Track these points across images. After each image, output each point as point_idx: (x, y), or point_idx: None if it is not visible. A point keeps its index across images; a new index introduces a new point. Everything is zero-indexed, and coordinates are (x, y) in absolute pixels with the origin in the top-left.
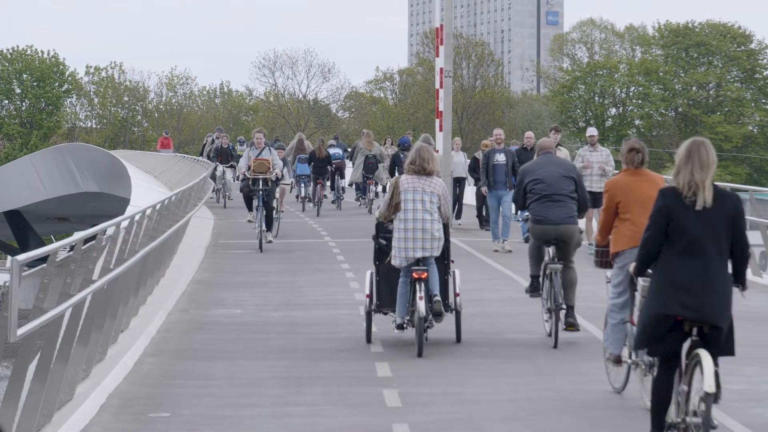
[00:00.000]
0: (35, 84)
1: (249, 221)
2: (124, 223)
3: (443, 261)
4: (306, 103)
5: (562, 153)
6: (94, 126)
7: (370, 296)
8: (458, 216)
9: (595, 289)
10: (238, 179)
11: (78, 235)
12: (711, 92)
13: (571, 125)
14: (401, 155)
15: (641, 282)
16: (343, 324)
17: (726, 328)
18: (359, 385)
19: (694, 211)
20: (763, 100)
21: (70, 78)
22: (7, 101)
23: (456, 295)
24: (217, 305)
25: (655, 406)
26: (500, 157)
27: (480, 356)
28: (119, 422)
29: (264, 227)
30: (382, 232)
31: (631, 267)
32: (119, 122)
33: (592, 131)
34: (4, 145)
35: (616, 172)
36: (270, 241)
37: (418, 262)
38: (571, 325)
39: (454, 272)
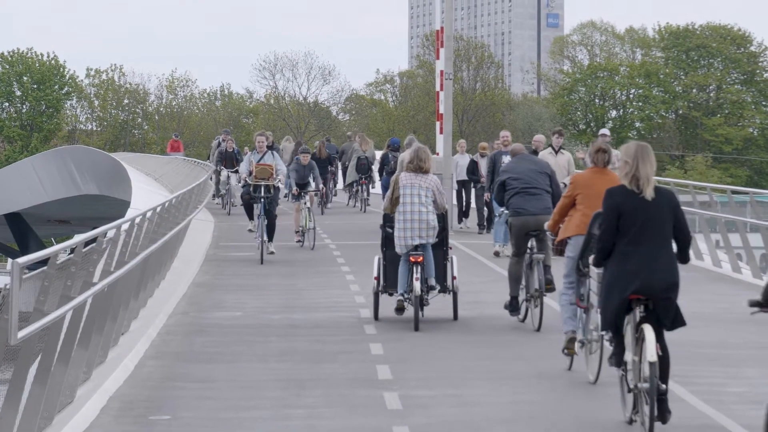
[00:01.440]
0: (35, 86)
1: (250, 230)
2: (125, 226)
3: (442, 248)
4: (306, 105)
5: (564, 157)
6: (94, 128)
7: (377, 278)
8: (465, 216)
9: None
10: (239, 183)
11: (78, 238)
12: (711, 94)
13: (571, 128)
14: (390, 156)
15: (594, 270)
16: (343, 326)
17: (675, 299)
18: (360, 387)
19: (640, 204)
20: (764, 103)
21: (70, 80)
22: (7, 104)
23: (453, 278)
24: (217, 308)
25: (614, 358)
26: (507, 160)
27: (480, 358)
28: (120, 425)
29: (265, 238)
30: (389, 222)
31: (591, 258)
32: (119, 125)
33: (604, 131)
34: (4, 147)
35: None
36: (272, 252)
37: (417, 248)
38: (549, 282)
39: (452, 258)
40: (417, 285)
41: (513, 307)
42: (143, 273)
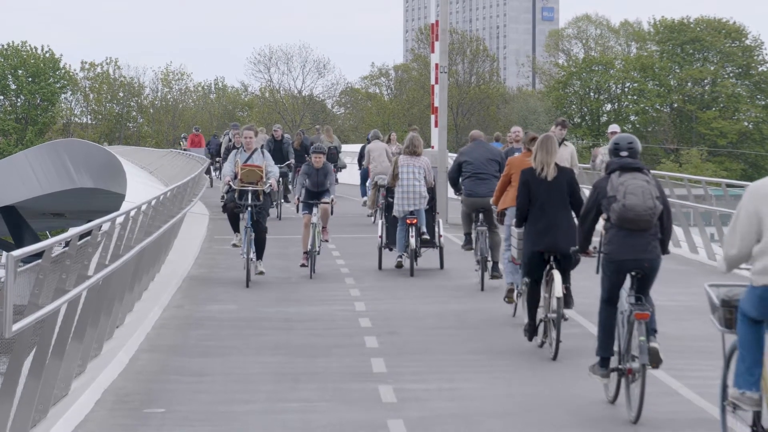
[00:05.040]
0: (30, 80)
1: (234, 245)
2: (120, 219)
3: (431, 213)
4: (301, 98)
5: (568, 149)
6: (89, 122)
7: (381, 237)
8: None
9: (592, 286)
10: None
11: (73, 231)
12: (706, 88)
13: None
14: (366, 148)
15: (515, 230)
16: (338, 320)
17: (573, 256)
18: (354, 380)
19: (544, 181)
20: (759, 96)
21: (65, 74)
22: (2, 97)
23: (439, 236)
24: (212, 301)
25: (529, 306)
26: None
27: (475, 352)
28: (114, 418)
29: (252, 255)
30: (391, 194)
31: (513, 221)
32: (114, 118)
33: (614, 128)
34: None
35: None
36: (261, 273)
37: (412, 213)
38: (496, 276)
39: (438, 221)
40: (412, 241)
41: (467, 241)
42: (138, 266)
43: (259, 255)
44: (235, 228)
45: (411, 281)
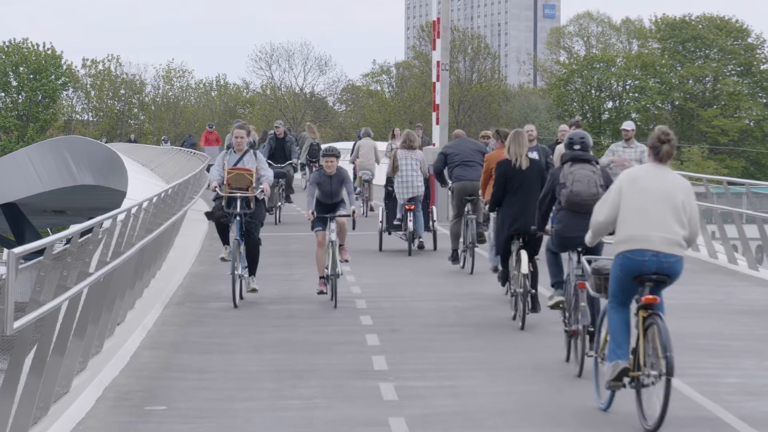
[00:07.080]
0: (32, 77)
1: (223, 259)
2: (121, 216)
3: (426, 201)
4: (303, 96)
5: None
6: (90, 119)
7: (382, 222)
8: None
9: None
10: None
11: (74, 228)
12: (707, 86)
13: (567, 118)
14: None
15: (492, 215)
16: (339, 317)
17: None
18: (355, 378)
19: (519, 171)
20: (760, 94)
21: (66, 70)
22: (3, 94)
23: (433, 221)
24: (213, 298)
25: (502, 276)
26: (533, 156)
27: (476, 349)
28: (115, 415)
29: (242, 271)
30: (390, 183)
31: (486, 206)
32: (116, 115)
33: (628, 125)
34: (0, 137)
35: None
36: (254, 290)
37: (410, 200)
38: (480, 236)
39: (432, 209)
40: (410, 225)
41: (454, 258)
42: (139, 263)
43: (252, 270)
44: (225, 240)
45: (412, 277)
